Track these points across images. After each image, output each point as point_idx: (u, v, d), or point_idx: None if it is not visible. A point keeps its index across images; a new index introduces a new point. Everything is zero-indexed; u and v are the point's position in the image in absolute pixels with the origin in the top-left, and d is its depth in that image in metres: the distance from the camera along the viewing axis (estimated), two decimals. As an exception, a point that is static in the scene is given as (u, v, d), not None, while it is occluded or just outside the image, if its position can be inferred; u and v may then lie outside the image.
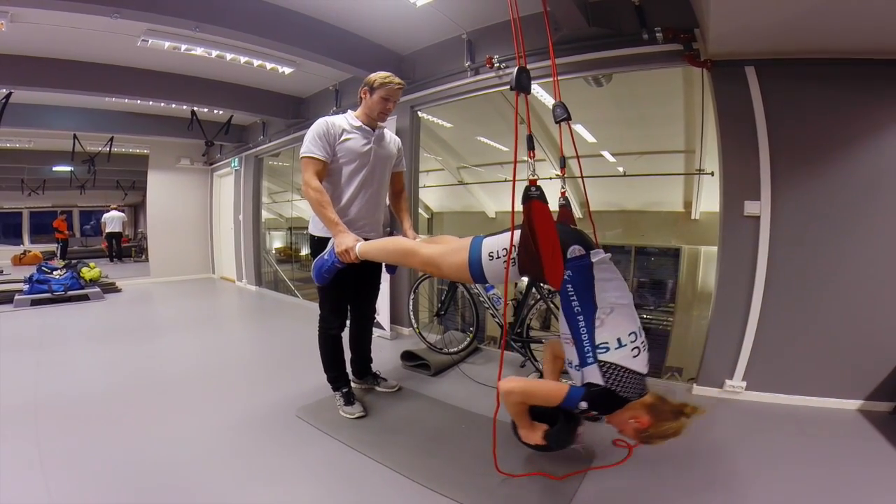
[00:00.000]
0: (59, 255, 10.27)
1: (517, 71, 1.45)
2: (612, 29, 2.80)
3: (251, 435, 2.16)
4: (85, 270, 6.07)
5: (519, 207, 1.42)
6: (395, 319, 3.99)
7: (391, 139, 2.40)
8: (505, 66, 3.27)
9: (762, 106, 2.43)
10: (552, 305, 2.79)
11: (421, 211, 6.76)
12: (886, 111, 2.27)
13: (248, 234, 6.68)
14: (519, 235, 1.47)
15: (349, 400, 2.36)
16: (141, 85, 4.33)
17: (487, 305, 3.10)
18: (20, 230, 12.30)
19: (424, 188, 7.25)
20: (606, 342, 1.50)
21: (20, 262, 10.04)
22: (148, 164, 7.30)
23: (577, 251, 1.52)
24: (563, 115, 1.91)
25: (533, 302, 2.88)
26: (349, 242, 1.97)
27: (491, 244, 1.62)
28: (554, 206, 1.75)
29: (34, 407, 2.40)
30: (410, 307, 3.59)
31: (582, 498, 1.67)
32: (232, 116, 5.93)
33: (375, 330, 3.49)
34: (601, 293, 1.53)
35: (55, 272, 5.76)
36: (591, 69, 3.05)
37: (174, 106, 5.22)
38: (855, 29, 2.06)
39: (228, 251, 7.37)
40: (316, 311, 2.41)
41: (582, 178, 2.14)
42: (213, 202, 7.91)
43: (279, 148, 6.08)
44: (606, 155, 6.10)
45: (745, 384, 2.55)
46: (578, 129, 5.48)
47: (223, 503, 1.66)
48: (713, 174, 4.68)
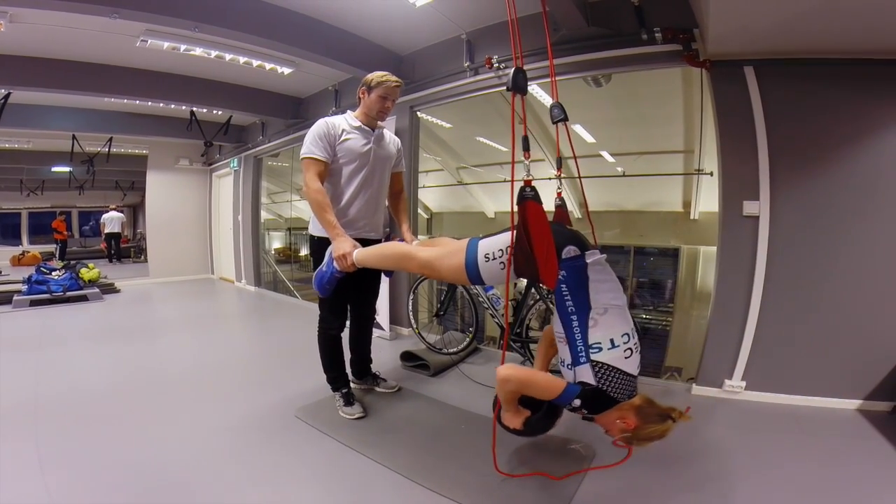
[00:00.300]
0: (57, 255, 10.26)
1: (513, 72, 1.45)
2: (611, 29, 2.80)
3: (251, 435, 2.16)
4: (84, 271, 6.08)
5: (515, 208, 1.43)
6: (394, 320, 3.99)
7: (391, 139, 2.40)
8: (504, 66, 3.27)
9: (761, 106, 2.43)
10: (551, 306, 2.79)
11: (420, 211, 6.77)
12: (885, 111, 2.28)
13: (247, 234, 6.67)
14: (514, 236, 1.47)
15: (349, 400, 2.36)
16: (140, 85, 4.33)
17: (487, 306, 3.10)
18: (19, 231, 12.29)
19: (424, 188, 7.26)
20: (599, 342, 1.50)
21: (19, 262, 10.03)
22: (147, 164, 7.30)
23: (571, 252, 1.52)
24: (560, 115, 1.91)
25: (532, 302, 2.88)
26: (347, 248, 1.97)
27: (487, 245, 1.61)
28: (550, 206, 1.75)
29: (33, 407, 2.40)
30: (410, 308, 3.59)
31: (582, 498, 1.67)
32: (231, 117, 5.92)
33: (375, 330, 3.49)
34: (595, 294, 1.53)
35: (54, 273, 5.75)
36: (590, 69, 3.05)
37: (173, 106, 5.22)
38: (854, 29, 2.06)
39: (227, 252, 7.36)
40: (315, 311, 2.41)
41: (580, 178, 2.14)
42: (212, 203, 7.90)
43: (278, 148, 6.08)
44: (606, 155, 6.11)
45: (744, 384, 2.55)
46: (578, 129, 5.49)
47: (221, 502, 1.66)
48: (712, 174, 4.69)
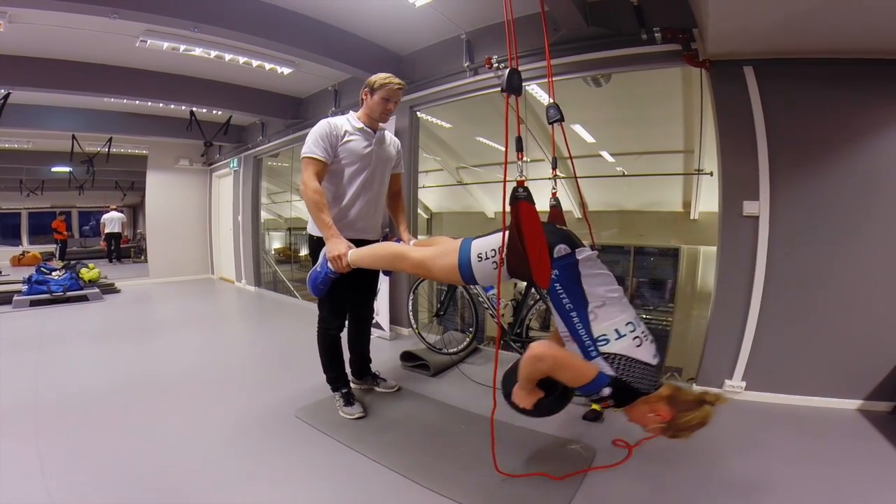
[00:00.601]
0: (57, 255, 10.27)
1: (508, 73, 1.45)
2: (610, 29, 2.80)
3: (250, 435, 2.16)
4: (84, 271, 6.08)
5: (508, 209, 1.43)
6: (394, 320, 3.99)
7: (391, 141, 2.41)
8: (504, 66, 3.26)
9: (761, 106, 2.43)
10: (552, 305, 2.78)
11: (420, 211, 6.76)
12: (885, 111, 2.28)
13: (247, 234, 6.67)
14: (507, 236, 1.47)
15: (349, 400, 2.36)
16: (139, 85, 4.33)
17: (487, 306, 3.10)
18: (19, 231, 12.29)
19: (423, 188, 7.25)
20: (605, 334, 1.49)
21: (19, 262, 10.04)
22: (147, 164, 7.30)
23: (562, 250, 1.51)
24: (555, 115, 1.91)
25: (532, 302, 2.88)
26: (342, 248, 1.97)
27: (480, 246, 1.61)
28: (545, 206, 1.75)
29: (33, 408, 2.40)
30: (410, 308, 3.59)
31: (582, 498, 1.67)
32: (231, 117, 5.92)
33: (375, 330, 3.50)
34: (590, 288, 1.52)
35: (54, 273, 5.75)
36: (590, 69, 3.05)
37: (173, 106, 5.22)
38: (854, 29, 2.06)
39: (227, 252, 7.36)
40: (315, 311, 2.41)
41: (576, 178, 2.14)
42: (212, 203, 7.90)
43: (278, 148, 6.08)
44: (605, 155, 6.10)
45: (744, 384, 2.55)
46: (577, 129, 5.48)
47: (221, 502, 1.66)
48: (712, 174, 4.69)
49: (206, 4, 2.88)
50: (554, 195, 1.99)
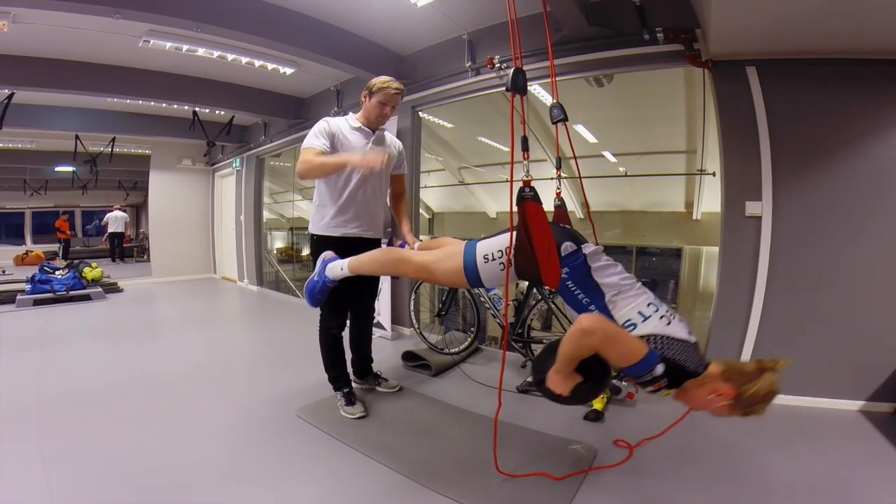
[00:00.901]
0: (61, 255, 10.31)
1: (513, 72, 1.45)
2: (613, 29, 2.80)
3: (252, 435, 2.16)
4: (87, 270, 6.09)
5: (515, 209, 1.42)
6: (396, 320, 3.99)
7: (391, 141, 2.41)
8: (506, 66, 3.27)
9: (763, 106, 2.43)
10: (553, 306, 2.78)
11: (422, 211, 6.77)
12: (888, 111, 2.27)
13: (249, 234, 6.69)
14: (514, 237, 1.47)
15: (350, 400, 2.36)
16: (142, 85, 4.34)
17: (488, 306, 3.10)
18: (22, 230, 12.36)
19: (425, 188, 7.26)
20: (629, 319, 1.43)
21: (22, 262, 10.07)
22: (150, 164, 7.32)
23: (569, 248, 1.49)
24: (559, 115, 1.91)
25: (534, 302, 2.88)
26: (356, 158, 1.96)
27: (486, 247, 1.59)
28: (550, 206, 1.74)
29: (36, 406, 2.41)
30: (411, 307, 3.59)
31: (582, 498, 1.67)
32: (233, 117, 5.94)
33: (376, 330, 3.50)
34: (602, 279, 1.48)
35: (57, 272, 5.77)
36: (592, 69, 3.05)
37: (176, 106, 5.23)
38: (856, 29, 2.05)
39: (230, 251, 7.38)
40: (316, 311, 2.41)
41: (580, 178, 2.14)
42: (214, 202, 7.92)
43: (281, 148, 6.09)
44: (608, 155, 6.10)
45: (746, 385, 2.54)
46: (580, 129, 5.48)
47: (223, 502, 1.66)
48: (714, 174, 4.68)
49: (208, 4, 2.89)
50: (558, 195, 1.99)
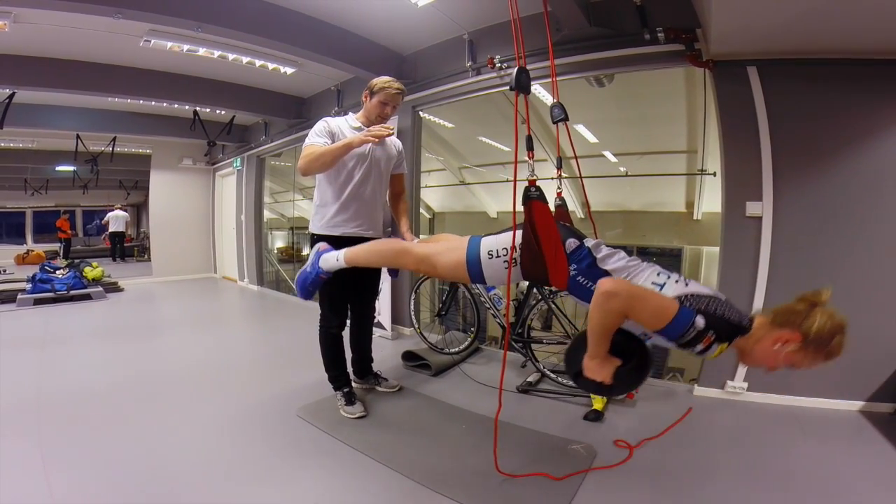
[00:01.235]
0: (61, 254, 10.33)
1: (517, 71, 1.45)
2: (613, 29, 2.80)
3: (252, 434, 2.17)
4: (87, 270, 6.10)
5: (519, 208, 1.42)
6: (396, 319, 3.99)
7: (391, 141, 2.41)
8: (506, 66, 3.27)
9: (764, 106, 2.42)
10: (553, 306, 2.78)
11: (422, 211, 6.77)
12: (888, 111, 2.27)
13: (250, 233, 6.69)
14: (520, 236, 1.46)
15: (350, 399, 2.36)
16: (143, 85, 4.34)
17: (488, 306, 3.10)
18: (23, 230, 12.36)
19: (426, 188, 7.25)
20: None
21: (23, 261, 10.10)
22: (150, 163, 7.33)
23: (572, 244, 1.48)
24: (560, 115, 1.91)
25: (534, 302, 2.88)
26: (357, 139, 1.99)
27: (491, 243, 1.58)
28: (551, 206, 1.74)
29: (37, 406, 2.41)
30: (412, 307, 3.59)
31: (582, 498, 1.67)
32: (234, 116, 5.94)
33: (376, 330, 3.50)
34: (609, 266, 1.45)
35: (58, 271, 5.79)
36: (592, 69, 3.05)
37: (176, 106, 5.24)
38: (857, 29, 2.05)
39: (230, 251, 7.38)
40: (317, 310, 2.42)
41: (581, 178, 2.14)
42: (215, 202, 7.92)
43: (281, 148, 6.09)
44: (608, 155, 6.10)
45: (746, 385, 2.54)
46: (580, 129, 5.48)
47: (223, 502, 1.66)
48: (715, 174, 4.68)
49: (209, 4, 2.89)
50: (559, 195, 2.00)
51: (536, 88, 3.93)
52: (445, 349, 3.26)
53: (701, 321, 1.23)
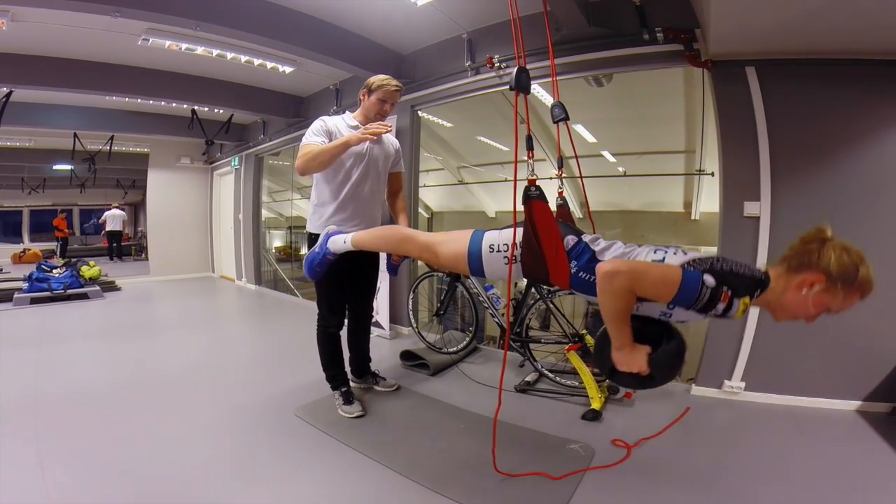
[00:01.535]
0: (58, 253, 10.28)
1: (517, 71, 1.45)
2: (612, 29, 2.80)
3: (250, 434, 2.16)
4: (84, 269, 6.07)
5: (519, 207, 1.42)
6: (394, 319, 3.99)
7: (389, 140, 2.41)
8: (505, 65, 3.27)
9: (763, 106, 2.43)
10: (551, 305, 2.78)
11: (421, 210, 6.77)
12: (887, 112, 2.27)
13: (247, 233, 6.68)
14: (521, 235, 1.46)
15: (348, 399, 2.36)
16: (141, 84, 4.33)
17: (487, 305, 3.10)
18: (20, 228, 12.30)
19: (424, 188, 7.26)
20: None
21: (20, 260, 10.04)
22: (148, 162, 7.31)
23: (571, 241, 1.48)
24: (560, 115, 1.91)
25: (532, 302, 2.88)
26: (353, 136, 1.98)
27: (493, 237, 1.59)
28: (552, 206, 1.74)
29: (33, 405, 2.40)
30: (410, 306, 3.59)
31: (580, 498, 1.67)
32: (232, 115, 5.93)
33: (374, 329, 3.50)
34: (607, 257, 1.43)
35: (55, 270, 5.76)
36: (591, 69, 3.05)
37: (174, 105, 5.22)
38: (856, 29, 2.06)
39: (228, 250, 7.36)
40: (315, 309, 2.41)
41: (581, 177, 2.14)
42: (213, 201, 7.91)
43: (279, 147, 6.08)
44: (607, 155, 6.10)
45: (743, 384, 2.55)
46: (579, 129, 5.48)
47: (221, 502, 1.66)
48: (713, 174, 4.68)
49: (207, 3, 2.88)
50: (560, 194, 2.00)
51: (535, 88, 3.94)
52: (444, 349, 3.26)
53: (710, 279, 1.19)
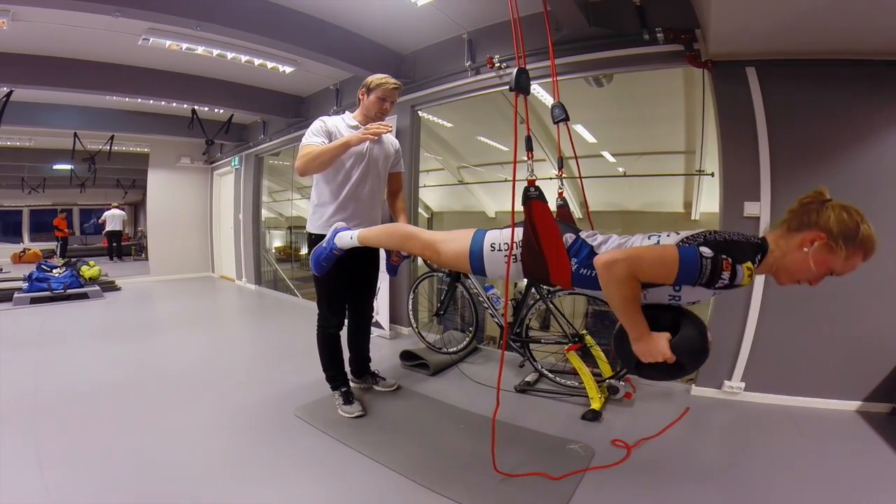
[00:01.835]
0: (58, 253, 10.28)
1: (517, 72, 1.45)
2: (612, 29, 2.80)
3: (249, 434, 2.16)
4: (84, 269, 6.07)
5: (519, 208, 1.42)
6: (394, 319, 3.99)
7: (389, 140, 2.41)
8: (505, 66, 3.27)
9: (763, 107, 2.43)
10: (551, 305, 2.78)
11: (421, 210, 6.76)
12: (887, 112, 2.27)
13: (247, 233, 6.67)
14: (521, 235, 1.46)
15: (348, 399, 2.36)
16: (142, 83, 4.33)
17: (486, 305, 3.10)
18: (20, 228, 12.29)
19: (424, 188, 7.26)
20: None
21: (20, 260, 10.04)
22: (148, 162, 7.31)
23: (569, 238, 1.49)
24: (561, 115, 1.91)
25: (532, 302, 2.88)
26: (354, 137, 2.01)
27: (494, 236, 1.60)
28: (552, 206, 1.74)
29: (33, 405, 2.40)
30: (410, 307, 3.59)
31: (580, 498, 1.67)
32: (232, 115, 5.93)
33: (374, 329, 3.50)
34: (606, 249, 1.44)
35: (55, 270, 5.76)
36: (591, 69, 3.05)
37: (175, 105, 5.22)
38: (856, 29, 2.06)
39: (228, 250, 7.36)
40: (315, 310, 2.41)
41: (580, 178, 2.14)
42: (213, 201, 7.90)
43: (279, 147, 6.08)
44: (607, 155, 6.11)
45: (743, 385, 2.55)
46: (579, 129, 5.48)
47: (221, 502, 1.66)
48: (713, 175, 4.68)
49: (208, 3, 2.88)
50: (560, 195, 2.00)
51: (535, 89, 3.94)
52: (443, 349, 3.26)
53: (707, 250, 1.20)
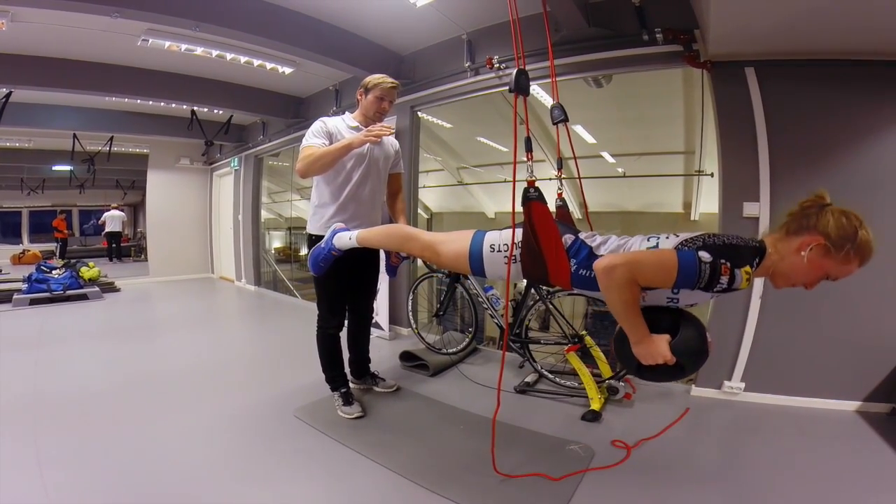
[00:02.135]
0: (58, 254, 10.27)
1: (516, 73, 1.45)
2: (612, 30, 2.80)
3: (249, 435, 2.16)
4: (84, 270, 6.07)
5: (519, 209, 1.42)
6: (393, 320, 3.99)
7: (389, 140, 2.41)
8: (505, 66, 3.27)
9: (762, 107, 2.43)
10: (551, 306, 2.78)
11: (420, 211, 6.76)
12: (887, 112, 2.27)
13: (247, 233, 6.67)
14: (521, 236, 1.47)
15: (347, 400, 2.36)
16: (141, 84, 4.33)
17: (486, 306, 3.10)
18: (19, 229, 12.27)
19: (424, 188, 7.25)
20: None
21: (19, 261, 10.03)
22: (148, 163, 7.31)
23: (568, 239, 1.49)
24: (560, 116, 1.91)
25: (532, 303, 2.88)
26: (356, 138, 2.01)
27: (494, 237, 1.60)
28: (552, 207, 1.74)
29: (32, 406, 2.40)
30: (409, 307, 3.59)
31: (580, 499, 1.67)
32: (232, 116, 5.93)
33: (374, 330, 3.49)
34: (604, 251, 1.44)
35: (54, 271, 5.76)
36: (591, 70, 3.05)
37: (174, 105, 5.22)
38: (855, 30, 2.06)
39: (228, 251, 7.36)
40: (314, 311, 2.41)
41: (579, 179, 2.15)
42: (212, 202, 7.90)
43: (279, 148, 6.08)
44: (606, 156, 6.11)
45: (743, 385, 2.55)
46: (578, 129, 5.48)
47: (221, 502, 1.66)
48: (712, 175, 4.69)
49: (207, 4, 2.88)
50: (560, 196, 2.00)
51: (535, 89, 3.94)
52: (443, 349, 3.26)
53: (705, 254, 1.20)
